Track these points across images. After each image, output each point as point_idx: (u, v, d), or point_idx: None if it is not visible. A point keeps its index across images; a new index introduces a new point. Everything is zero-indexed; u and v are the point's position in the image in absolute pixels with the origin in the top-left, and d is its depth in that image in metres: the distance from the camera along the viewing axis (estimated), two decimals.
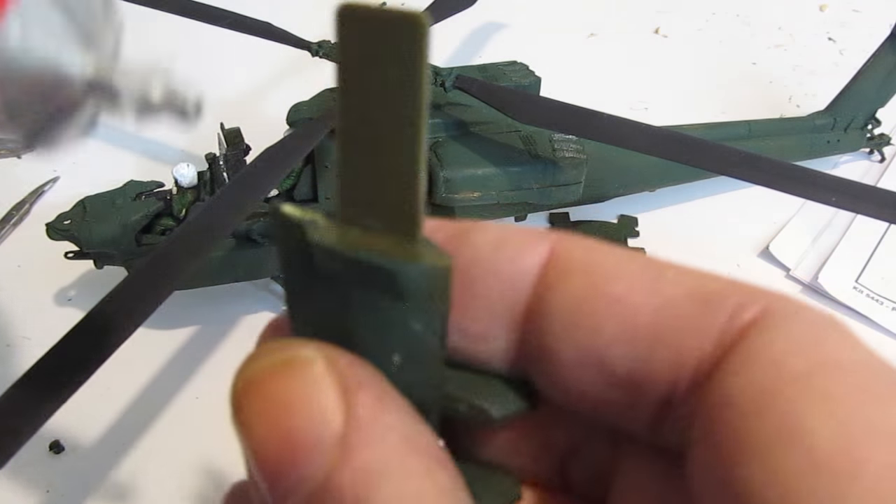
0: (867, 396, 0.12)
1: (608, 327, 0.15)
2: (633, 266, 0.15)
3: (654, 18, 0.94)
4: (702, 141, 0.51)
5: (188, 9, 0.58)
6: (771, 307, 0.14)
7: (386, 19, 0.12)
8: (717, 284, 0.15)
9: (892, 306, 0.60)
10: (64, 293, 0.60)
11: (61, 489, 0.48)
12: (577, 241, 0.16)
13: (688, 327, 0.14)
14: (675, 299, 0.14)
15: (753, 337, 0.13)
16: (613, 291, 0.15)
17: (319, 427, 0.13)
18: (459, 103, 0.56)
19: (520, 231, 0.16)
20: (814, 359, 0.13)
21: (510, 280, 0.16)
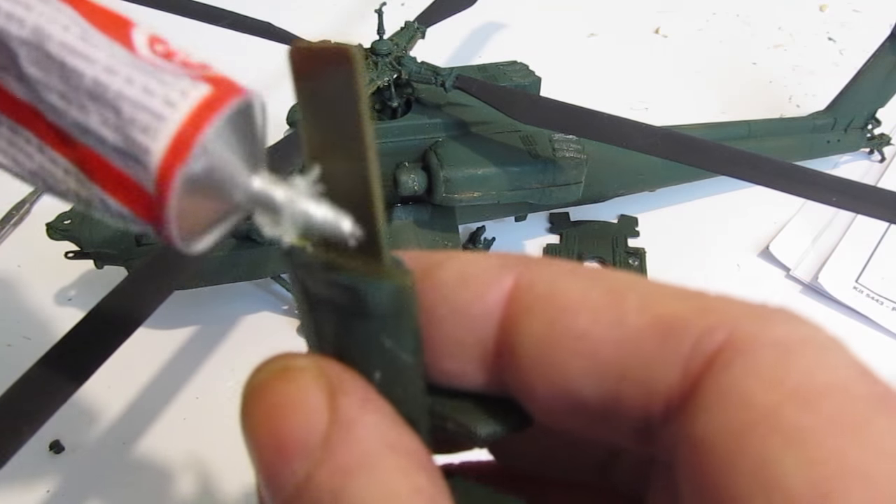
0: (839, 428, 0.12)
1: (573, 364, 0.15)
2: (595, 295, 0.15)
3: (654, 18, 0.94)
4: (702, 141, 0.51)
5: (188, 9, 0.58)
6: (736, 332, 0.13)
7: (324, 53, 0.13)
8: (680, 308, 0.14)
9: (892, 306, 0.60)
10: (64, 293, 0.60)
11: (61, 489, 0.48)
12: (540, 272, 0.15)
13: (652, 361, 0.14)
14: (638, 330, 0.14)
15: (720, 370, 0.13)
16: (575, 327, 0.15)
17: (306, 427, 0.14)
18: (459, 103, 0.56)
19: (484, 263, 0.16)
20: (782, 390, 0.12)
21: (476, 319, 0.16)
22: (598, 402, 0.15)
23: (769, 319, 0.14)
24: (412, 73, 0.52)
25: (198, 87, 0.13)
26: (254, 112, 0.14)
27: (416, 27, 0.57)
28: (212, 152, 0.13)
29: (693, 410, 0.13)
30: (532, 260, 0.16)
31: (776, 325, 0.13)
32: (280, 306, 0.60)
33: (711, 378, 0.13)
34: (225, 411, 0.52)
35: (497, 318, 0.15)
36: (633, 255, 0.64)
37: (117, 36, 0.14)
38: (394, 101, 0.53)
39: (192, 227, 0.14)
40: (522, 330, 0.15)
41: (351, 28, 0.88)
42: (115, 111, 0.13)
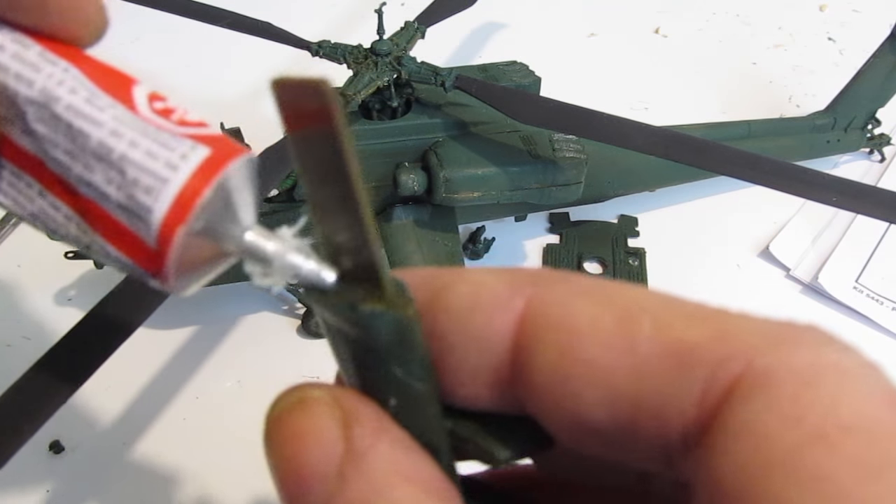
0: (863, 472, 0.11)
1: (586, 393, 0.14)
2: (607, 320, 0.14)
3: (654, 18, 0.93)
4: (702, 141, 0.51)
5: (188, 9, 0.58)
6: (755, 361, 0.13)
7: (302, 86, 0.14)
8: (695, 334, 0.13)
9: (892, 306, 0.60)
10: (64, 293, 0.60)
11: (61, 489, 0.48)
12: (551, 293, 0.15)
13: (666, 391, 0.13)
14: (651, 358, 0.14)
15: (738, 405, 0.12)
16: (587, 355, 0.14)
17: (322, 458, 0.14)
18: (459, 103, 0.56)
19: (494, 285, 0.15)
20: (803, 429, 0.12)
21: (487, 346, 0.15)
22: (615, 430, 0.14)
23: (791, 345, 0.13)
24: (412, 73, 0.52)
25: (197, 151, 0.14)
26: (247, 169, 0.15)
27: (416, 27, 0.57)
28: (210, 210, 0.14)
29: (710, 446, 0.13)
30: (543, 278, 0.15)
31: (798, 351, 0.13)
32: (280, 306, 0.60)
33: (729, 413, 0.12)
34: (225, 411, 0.52)
35: (508, 345, 0.15)
36: (633, 255, 0.64)
37: (120, 95, 0.15)
38: (394, 101, 0.53)
39: (187, 274, 0.15)
40: (534, 359, 0.15)
41: (351, 28, 0.88)
42: (120, 172, 0.14)
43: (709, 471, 0.13)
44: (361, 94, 0.50)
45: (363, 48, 0.53)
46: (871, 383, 0.12)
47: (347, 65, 0.53)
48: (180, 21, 0.59)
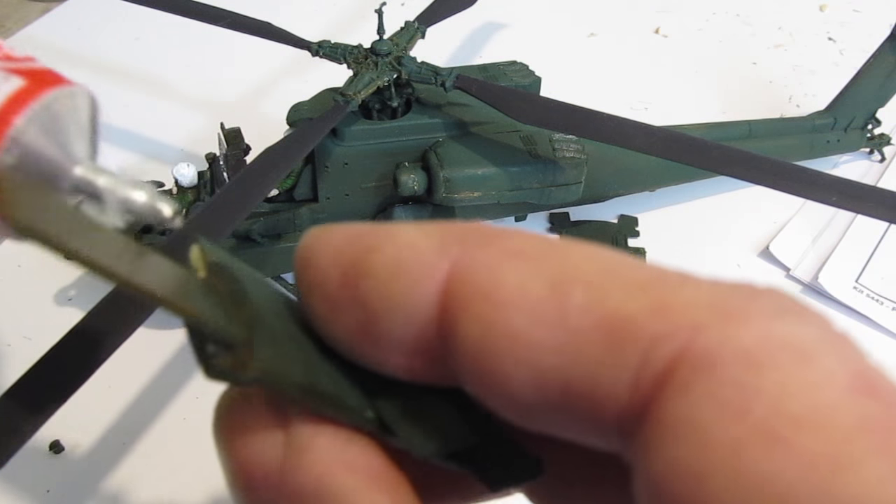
0: (816, 475, 0.09)
1: (513, 372, 0.12)
2: (537, 287, 0.12)
3: (654, 18, 0.93)
4: (702, 141, 0.51)
5: (188, 9, 0.58)
6: (697, 339, 0.11)
7: None
8: (634, 307, 0.12)
9: (892, 306, 0.60)
10: (64, 293, 0.60)
11: (61, 489, 0.48)
12: (480, 255, 0.13)
13: (598, 372, 0.12)
14: (582, 333, 0.12)
15: (676, 393, 0.11)
16: (513, 328, 0.12)
17: (264, 454, 0.14)
18: (459, 103, 0.56)
19: (422, 245, 0.14)
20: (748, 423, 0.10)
21: (411, 315, 0.14)
22: (548, 412, 0.13)
23: (741, 317, 0.11)
24: (412, 73, 0.52)
25: (9, 81, 0.14)
26: (77, 102, 0.15)
27: (416, 27, 0.57)
28: (27, 143, 0.14)
29: (646, 442, 0.11)
30: (473, 236, 0.14)
31: (748, 325, 0.11)
32: None
33: (665, 402, 0.11)
34: None
35: (433, 314, 0.13)
36: (633, 255, 0.64)
37: None
38: (394, 101, 0.53)
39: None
40: (458, 332, 0.13)
41: (351, 28, 0.88)
42: None
43: (645, 465, 0.11)
44: (361, 94, 0.50)
45: (363, 48, 0.53)
46: (832, 363, 0.10)
47: (347, 65, 0.53)
48: (180, 21, 0.59)
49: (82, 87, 0.15)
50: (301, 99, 0.56)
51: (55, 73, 0.15)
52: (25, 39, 0.88)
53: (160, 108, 0.78)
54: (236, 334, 0.14)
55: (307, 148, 0.48)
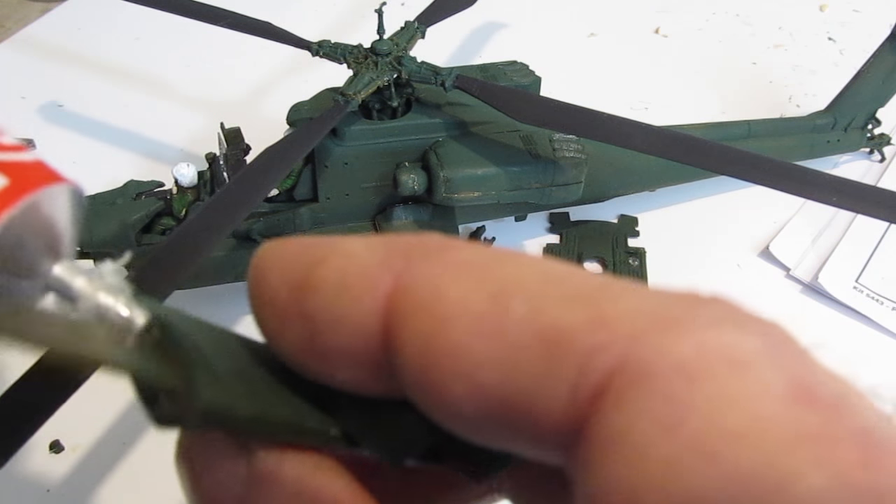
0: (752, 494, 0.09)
1: (454, 387, 0.12)
2: (476, 298, 0.12)
3: (654, 18, 0.93)
4: (702, 141, 0.51)
5: (188, 9, 0.58)
6: (632, 351, 0.11)
7: None
8: (570, 318, 0.11)
9: (892, 306, 0.60)
10: None
11: (61, 489, 0.48)
12: (423, 269, 0.13)
13: (536, 385, 0.11)
14: (521, 347, 0.12)
15: (612, 407, 0.10)
16: (453, 342, 0.12)
17: (229, 489, 0.14)
18: (459, 103, 0.56)
19: (366, 259, 0.14)
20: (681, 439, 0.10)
21: (356, 329, 0.13)
22: (490, 426, 0.12)
23: (679, 328, 0.11)
24: (412, 73, 0.52)
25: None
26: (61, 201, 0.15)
27: (416, 27, 0.57)
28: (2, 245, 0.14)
29: (582, 459, 0.11)
30: (417, 249, 0.14)
31: (681, 337, 0.10)
32: None
33: (601, 418, 0.10)
34: None
35: (377, 328, 0.13)
36: (633, 255, 0.64)
37: None
38: (394, 100, 0.53)
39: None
40: (401, 344, 0.13)
41: (351, 28, 0.88)
42: None
43: (582, 485, 0.11)
44: (361, 93, 0.50)
45: (363, 48, 0.53)
46: (769, 373, 0.10)
47: (347, 64, 0.53)
48: (180, 21, 0.59)
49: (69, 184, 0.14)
50: (301, 99, 0.56)
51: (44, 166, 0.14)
52: (25, 39, 0.88)
53: (160, 108, 0.78)
54: (174, 381, 0.14)
55: (307, 148, 0.48)
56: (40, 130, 0.75)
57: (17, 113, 0.77)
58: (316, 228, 0.56)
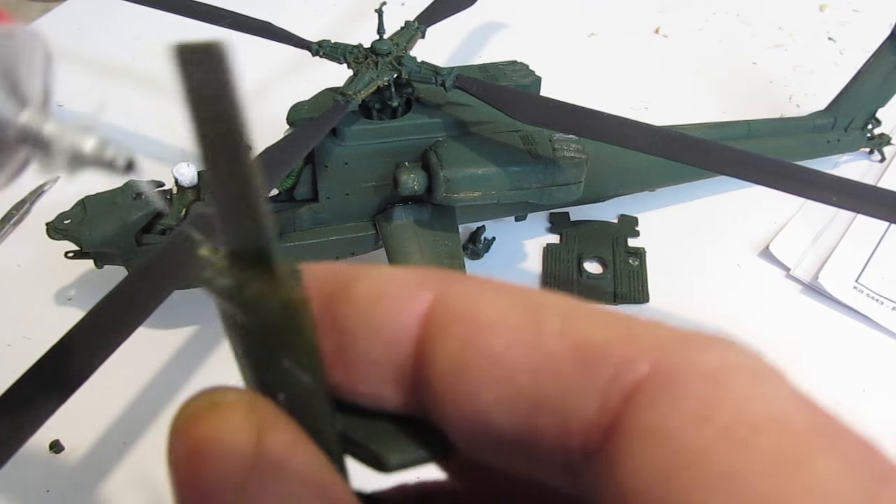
0: (776, 468, 0.11)
1: (487, 390, 0.13)
2: (513, 315, 0.14)
3: (654, 18, 0.94)
4: (702, 141, 0.51)
5: (188, 9, 0.58)
6: (661, 362, 0.12)
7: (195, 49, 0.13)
8: (604, 333, 0.13)
9: (892, 306, 0.60)
10: (64, 293, 0.60)
11: (61, 489, 0.48)
12: (460, 288, 0.14)
13: (568, 390, 0.13)
14: (556, 356, 0.13)
15: (645, 406, 0.12)
16: (490, 347, 0.13)
17: (229, 465, 0.13)
18: (459, 103, 0.56)
19: (402, 279, 0.15)
20: (713, 428, 0.11)
21: (391, 338, 0.14)
22: (514, 432, 0.13)
23: (697, 347, 0.12)
24: (412, 73, 0.52)
25: None
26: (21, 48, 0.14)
27: (416, 27, 0.57)
28: None
29: (614, 450, 0.12)
30: (453, 276, 0.15)
31: (705, 353, 0.12)
32: None
33: (634, 415, 0.12)
34: None
35: (413, 338, 0.14)
36: (633, 254, 0.64)
37: None
38: (394, 100, 0.53)
39: None
40: (437, 350, 0.14)
41: (351, 28, 0.88)
42: None
43: (613, 476, 0.12)
44: (362, 93, 0.50)
45: (363, 48, 0.53)
46: (778, 384, 0.12)
47: (348, 64, 0.53)
48: (180, 21, 0.59)
49: (29, 32, 0.14)
50: (301, 99, 0.56)
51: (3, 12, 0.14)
52: None
53: (160, 108, 0.78)
54: None
55: (307, 148, 0.48)
56: None
57: None
58: (316, 228, 0.56)
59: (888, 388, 0.56)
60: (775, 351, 0.62)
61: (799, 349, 0.58)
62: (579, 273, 0.63)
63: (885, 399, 0.55)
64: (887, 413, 0.54)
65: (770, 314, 0.60)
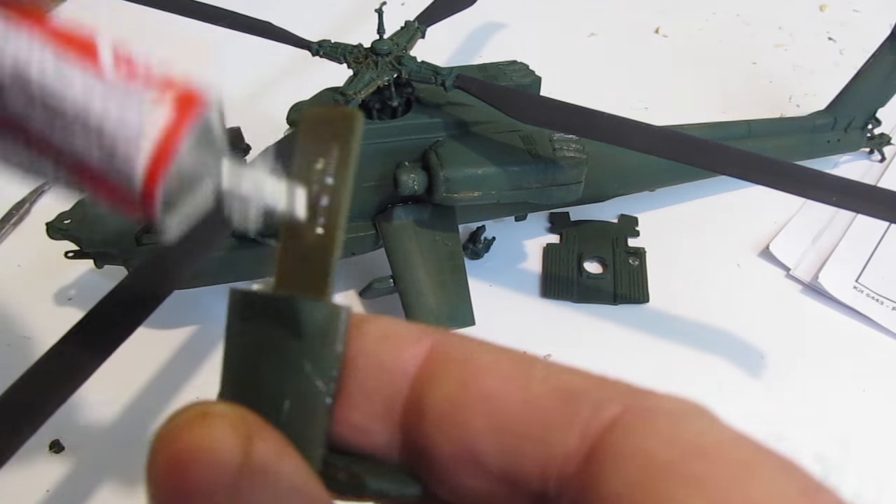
0: (732, 471, 0.14)
1: (478, 422, 0.15)
2: (505, 362, 0.16)
3: (654, 18, 0.94)
4: (702, 141, 0.51)
5: (188, 8, 0.58)
6: (631, 403, 0.15)
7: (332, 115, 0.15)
8: (582, 381, 0.16)
9: (892, 306, 0.60)
10: (64, 293, 0.60)
11: (61, 489, 0.48)
12: (457, 339, 0.17)
13: (553, 422, 0.15)
14: (542, 395, 0.15)
15: (620, 433, 0.15)
16: (484, 386, 0.16)
17: (215, 472, 0.14)
18: (459, 103, 0.56)
19: (407, 326, 0.17)
20: (679, 447, 0.14)
21: (390, 373, 0.16)
22: (498, 462, 0.15)
23: (657, 395, 0.15)
24: (412, 73, 0.52)
25: (162, 111, 0.15)
26: (215, 114, 0.16)
27: (416, 27, 0.57)
28: (184, 160, 0.15)
29: (597, 470, 0.14)
30: (450, 332, 0.17)
31: (664, 399, 0.15)
32: None
33: (613, 441, 0.14)
34: None
35: (411, 375, 0.16)
36: (633, 254, 0.64)
37: (87, 61, 0.15)
38: (394, 100, 0.53)
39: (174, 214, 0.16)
40: (434, 388, 0.16)
41: (351, 28, 0.88)
42: (98, 136, 0.15)
43: (596, 490, 0.14)
44: (362, 93, 0.50)
45: (363, 48, 0.53)
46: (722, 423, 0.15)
47: (347, 64, 0.53)
48: (180, 21, 0.59)
49: (215, 96, 0.16)
50: (301, 99, 0.56)
51: (193, 88, 0.16)
52: None
53: None
54: None
55: None
56: None
57: None
58: None
59: (888, 388, 0.56)
60: (775, 351, 0.62)
61: (799, 349, 0.58)
62: (579, 273, 0.63)
63: (885, 399, 0.55)
64: (887, 413, 0.54)
65: (770, 314, 0.60)
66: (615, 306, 0.61)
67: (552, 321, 0.60)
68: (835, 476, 0.50)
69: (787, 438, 0.52)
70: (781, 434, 0.52)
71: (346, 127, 0.16)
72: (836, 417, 0.54)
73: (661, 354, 0.57)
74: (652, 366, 0.57)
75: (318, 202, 0.17)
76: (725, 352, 0.57)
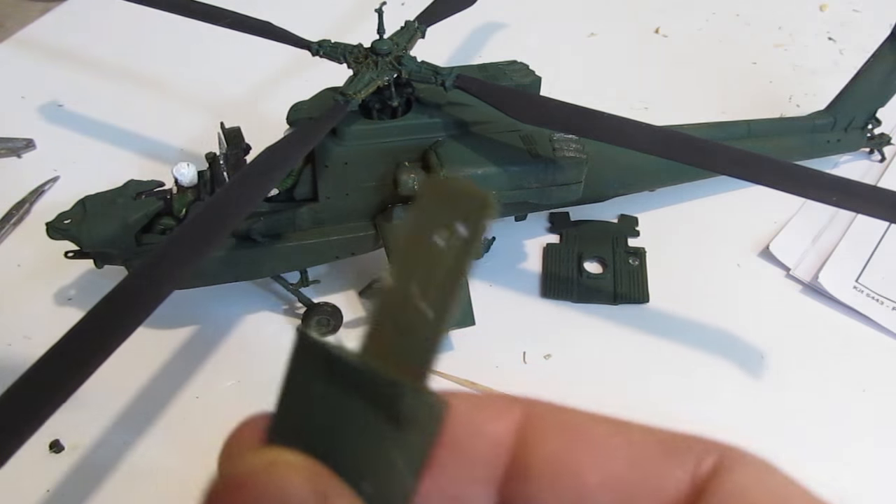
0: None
1: (590, 475, 0.16)
2: (602, 422, 0.17)
3: (654, 18, 0.94)
4: (702, 141, 0.51)
5: (188, 9, 0.58)
6: (725, 455, 0.17)
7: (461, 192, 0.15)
8: (674, 436, 0.17)
9: (892, 306, 0.60)
10: (64, 293, 0.60)
11: (61, 489, 0.48)
12: (548, 404, 0.18)
13: (661, 472, 0.17)
14: (646, 448, 0.17)
15: (724, 478, 0.16)
16: (591, 442, 0.17)
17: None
18: (459, 103, 0.56)
19: (497, 397, 0.18)
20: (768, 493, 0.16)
21: (490, 441, 0.17)
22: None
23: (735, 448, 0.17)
24: (412, 73, 0.52)
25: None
26: None
27: (416, 27, 0.57)
28: None
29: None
30: (538, 399, 0.18)
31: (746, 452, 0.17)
32: (280, 306, 0.60)
33: (719, 484, 0.16)
34: (225, 411, 0.52)
35: (509, 444, 0.17)
36: (633, 254, 0.64)
37: None
38: (394, 100, 0.53)
39: None
40: (539, 448, 0.17)
41: (351, 28, 0.88)
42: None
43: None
44: (362, 93, 0.50)
45: (363, 48, 0.53)
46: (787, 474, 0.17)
47: (347, 64, 0.53)
48: (180, 21, 0.59)
49: None
50: (301, 99, 0.56)
51: None
52: (25, 39, 0.88)
53: (160, 107, 0.78)
54: None
55: (307, 147, 0.48)
56: (40, 130, 0.75)
57: (17, 113, 0.77)
58: (316, 228, 0.56)
59: (888, 388, 0.56)
60: (775, 351, 0.62)
61: (799, 349, 0.58)
62: (579, 273, 0.63)
63: (886, 399, 0.55)
64: (887, 413, 0.54)
65: (770, 314, 0.60)
66: (615, 306, 0.61)
67: (552, 321, 0.60)
68: (834, 476, 0.50)
69: (787, 438, 0.52)
70: (781, 434, 0.52)
71: (479, 213, 0.14)
72: (836, 417, 0.54)
73: (661, 354, 0.57)
74: (652, 366, 0.57)
75: (430, 278, 0.15)
76: (725, 352, 0.57)
